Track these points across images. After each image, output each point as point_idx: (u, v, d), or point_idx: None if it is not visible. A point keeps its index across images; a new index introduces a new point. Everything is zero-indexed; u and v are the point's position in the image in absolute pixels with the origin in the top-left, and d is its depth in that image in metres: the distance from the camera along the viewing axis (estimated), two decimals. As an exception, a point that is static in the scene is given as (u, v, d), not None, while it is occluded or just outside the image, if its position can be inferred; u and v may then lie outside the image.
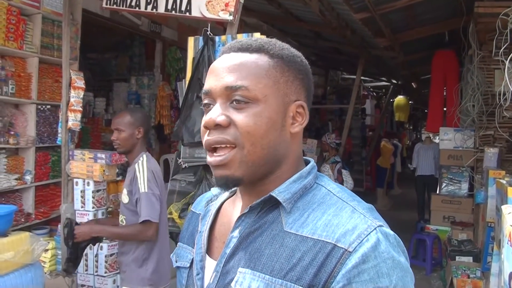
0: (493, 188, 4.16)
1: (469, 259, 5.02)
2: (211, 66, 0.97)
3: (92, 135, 6.38)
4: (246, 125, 0.89)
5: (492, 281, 3.55)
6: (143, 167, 2.82)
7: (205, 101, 0.95)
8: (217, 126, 0.90)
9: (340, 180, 6.07)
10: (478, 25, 5.08)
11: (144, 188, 2.75)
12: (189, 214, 1.18)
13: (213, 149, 0.92)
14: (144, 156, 2.89)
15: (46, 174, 4.68)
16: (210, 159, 0.92)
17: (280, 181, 0.94)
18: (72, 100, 4.01)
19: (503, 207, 2.52)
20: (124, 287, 2.89)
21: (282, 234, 0.88)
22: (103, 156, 4.01)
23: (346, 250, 0.81)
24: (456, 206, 6.59)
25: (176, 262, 1.10)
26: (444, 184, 6.89)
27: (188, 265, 1.05)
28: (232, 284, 0.89)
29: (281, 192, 0.91)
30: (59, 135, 4.27)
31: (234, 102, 0.90)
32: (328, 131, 10.23)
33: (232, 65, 0.92)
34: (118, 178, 4.17)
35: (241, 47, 0.95)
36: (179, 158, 3.60)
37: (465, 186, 6.70)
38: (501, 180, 3.60)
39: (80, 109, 4.10)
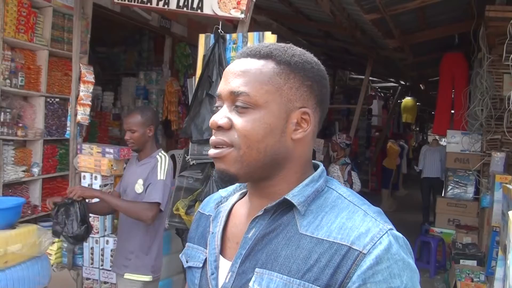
0: (499, 193, 4.15)
1: (473, 262, 5.01)
2: (225, 70, 1.01)
3: (99, 129, 6.42)
4: (243, 129, 0.93)
5: (496, 285, 3.55)
6: (166, 161, 3.08)
7: (217, 104, 1.00)
8: (219, 128, 0.95)
9: (350, 182, 6.08)
10: (489, 28, 5.05)
11: (163, 176, 2.98)
12: (196, 215, 1.21)
13: (215, 147, 0.97)
14: (163, 152, 3.17)
15: (54, 167, 4.71)
16: (210, 151, 0.97)
17: (286, 184, 0.98)
18: (81, 94, 4.03)
19: (510, 213, 2.51)
20: (128, 273, 3.00)
21: (298, 236, 0.92)
22: (111, 150, 4.03)
23: (361, 252, 0.85)
24: (461, 210, 6.58)
25: (187, 262, 1.12)
26: (450, 187, 6.88)
27: (201, 265, 1.07)
28: (250, 284, 0.92)
29: (295, 196, 0.95)
30: (67, 128, 4.30)
31: (237, 107, 0.95)
32: (335, 130, 10.23)
33: (239, 71, 0.96)
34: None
35: (250, 53, 0.98)
36: (187, 155, 3.61)
37: (471, 190, 6.69)
38: (507, 185, 3.59)
39: (89, 103, 4.12)
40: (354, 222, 0.89)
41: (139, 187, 3.01)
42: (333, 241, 0.88)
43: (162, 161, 3.05)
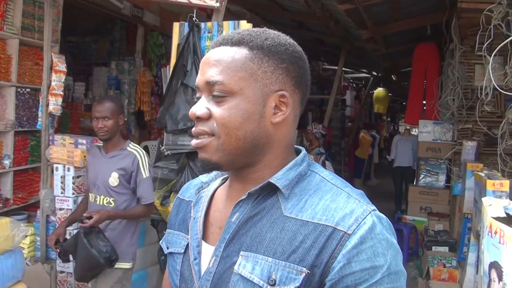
0: (470, 181, 4.23)
1: (445, 249, 5.12)
2: (202, 60, 1.01)
3: (71, 120, 6.29)
4: (221, 118, 0.94)
5: (469, 270, 3.63)
6: (143, 153, 3.08)
7: (197, 95, 1.01)
8: (199, 119, 0.96)
9: None
10: (461, 20, 5.13)
11: (147, 173, 3.01)
12: (175, 201, 1.20)
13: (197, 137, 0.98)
14: (135, 144, 3.13)
15: (25, 158, 4.59)
16: (192, 141, 0.99)
17: (268, 169, 0.99)
18: (53, 84, 3.95)
19: (484, 199, 2.56)
20: None
21: (283, 219, 0.93)
22: (84, 141, 3.97)
23: (345, 232, 0.87)
24: (433, 197, 6.72)
25: (167, 248, 1.12)
26: (421, 176, 7.00)
27: (183, 251, 1.07)
28: (235, 267, 0.92)
29: (279, 179, 0.96)
30: (39, 119, 4.20)
31: (214, 96, 0.96)
32: (308, 121, 10.27)
33: (213, 60, 0.97)
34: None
35: (222, 41, 1.00)
36: (162, 145, 3.57)
37: (442, 178, 6.82)
38: (479, 173, 3.66)
39: (61, 93, 4.04)
40: (338, 204, 0.91)
41: (114, 181, 2.97)
42: (318, 222, 0.89)
43: (142, 157, 3.05)
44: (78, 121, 6.56)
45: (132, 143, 3.13)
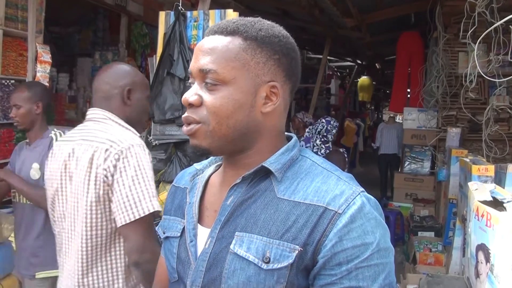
0: (455, 166, 4.28)
1: (431, 234, 5.20)
2: (195, 47, 1.03)
3: (55, 112, 6.22)
4: (212, 106, 0.97)
5: (455, 254, 3.69)
6: (61, 136, 2.78)
7: (190, 80, 1.03)
8: (190, 105, 0.99)
9: None
10: (444, 8, 5.18)
11: None
12: (171, 188, 1.24)
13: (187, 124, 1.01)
14: (57, 130, 2.85)
15: (10, 151, 4.51)
16: (183, 128, 1.01)
17: (260, 154, 1.02)
18: (38, 75, 3.90)
19: (470, 184, 2.60)
20: (39, 272, 2.68)
21: (276, 201, 0.97)
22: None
23: (336, 212, 0.91)
24: (418, 184, 6.82)
25: (164, 233, 1.16)
26: (407, 163, 7.09)
27: (179, 234, 1.10)
28: (231, 246, 0.96)
29: (272, 163, 0.99)
30: (24, 111, 4.14)
31: (207, 84, 0.98)
32: (292, 110, 10.30)
33: (206, 48, 0.99)
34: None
35: (217, 29, 1.00)
36: (150, 136, 3.56)
37: (427, 165, 6.93)
38: (464, 159, 3.71)
39: (47, 84, 3.99)
40: (328, 186, 0.95)
41: (35, 173, 2.69)
42: (310, 203, 0.93)
43: (58, 138, 2.75)
44: (63, 112, 6.50)
45: (55, 129, 2.86)
